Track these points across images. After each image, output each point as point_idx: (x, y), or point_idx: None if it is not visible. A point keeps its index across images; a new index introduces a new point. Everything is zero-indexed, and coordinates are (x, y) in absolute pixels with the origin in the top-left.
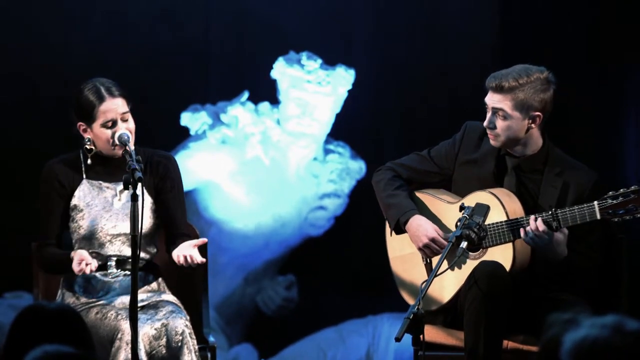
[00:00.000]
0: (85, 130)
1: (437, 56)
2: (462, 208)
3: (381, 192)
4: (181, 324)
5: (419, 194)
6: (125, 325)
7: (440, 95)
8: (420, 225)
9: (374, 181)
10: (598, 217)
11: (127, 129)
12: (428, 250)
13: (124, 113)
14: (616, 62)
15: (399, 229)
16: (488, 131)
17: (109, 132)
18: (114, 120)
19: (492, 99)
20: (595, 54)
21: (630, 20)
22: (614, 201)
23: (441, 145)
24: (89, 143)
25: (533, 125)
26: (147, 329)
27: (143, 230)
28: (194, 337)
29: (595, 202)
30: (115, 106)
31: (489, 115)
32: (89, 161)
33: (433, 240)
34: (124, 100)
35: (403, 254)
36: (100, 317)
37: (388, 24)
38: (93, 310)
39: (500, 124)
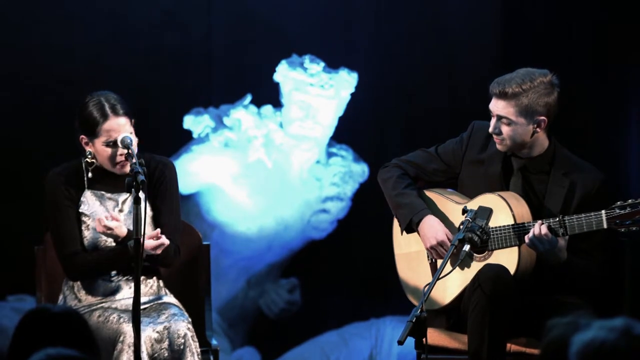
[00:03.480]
0: (87, 144)
1: (439, 59)
2: (464, 211)
3: (390, 191)
4: (183, 327)
5: (428, 193)
6: (127, 328)
7: (443, 98)
8: (432, 227)
9: (381, 178)
10: (605, 226)
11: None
12: (434, 252)
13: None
14: (619, 62)
15: (410, 229)
16: (494, 136)
17: (109, 150)
18: (114, 139)
19: (497, 106)
20: (598, 55)
21: (633, 21)
22: (622, 211)
23: (448, 143)
24: (90, 156)
25: (538, 129)
26: (149, 332)
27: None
28: (196, 339)
29: (603, 212)
30: (118, 126)
31: (493, 121)
32: (90, 174)
33: (441, 243)
34: (127, 119)
35: (409, 251)
36: (102, 320)
37: (390, 27)
38: (95, 313)
39: (505, 129)
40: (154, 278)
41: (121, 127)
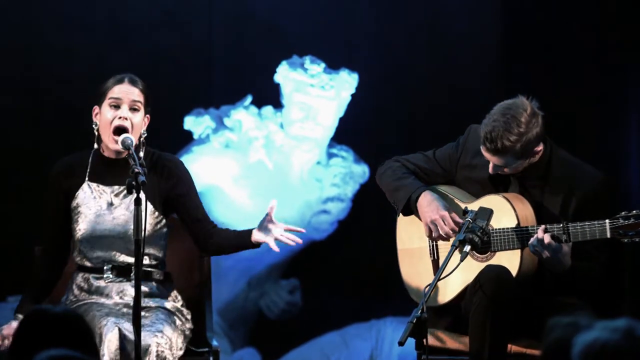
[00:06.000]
0: (96, 115)
1: (439, 59)
2: (465, 212)
3: (388, 178)
4: (148, 338)
5: (433, 189)
6: (103, 323)
7: (443, 98)
8: (432, 202)
9: (379, 173)
10: (608, 235)
11: (130, 119)
12: (433, 227)
13: (134, 101)
14: (619, 63)
15: (408, 210)
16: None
17: (111, 113)
18: (121, 101)
19: (492, 159)
20: (598, 55)
21: (633, 21)
22: (626, 222)
23: (446, 147)
24: (95, 127)
25: (537, 155)
26: (114, 336)
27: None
28: (168, 347)
29: (607, 221)
30: (128, 90)
31: (492, 165)
32: (95, 145)
33: (443, 217)
34: (141, 94)
35: (412, 247)
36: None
37: (390, 27)
38: (81, 308)
39: (506, 170)
40: (152, 282)
41: (131, 94)
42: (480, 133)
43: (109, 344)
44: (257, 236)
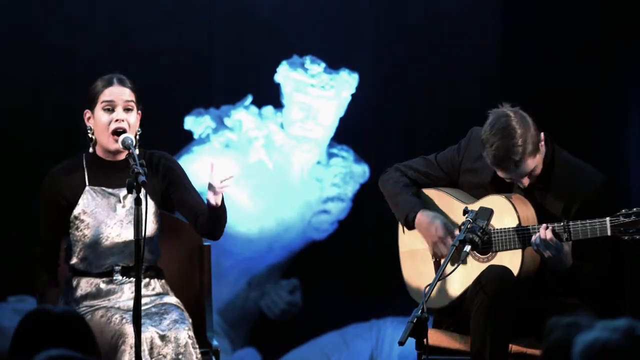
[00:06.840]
0: (89, 119)
1: (439, 59)
2: (465, 212)
3: (388, 192)
4: (184, 335)
5: (433, 191)
6: (130, 329)
7: (443, 98)
8: (431, 224)
9: (381, 183)
10: (609, 233)
11: (126, 120)
12: (437, 249)
13: (127, 101)
14: (619, 63)
15: (409, 227)
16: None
17: (106, 116)
18: (114, 104)
19: (512, 174)
20: (598, 55)
21: (633, 22)
22: (626, 219)
23: (447, 151)
24: (90, 131)
25: (542, 143)
26: (151, 334)
27: (146, 235)
28: (196, 346)
29: (608, 219)
30: (120, 92)
31: (515, 179)
32: (90, 149)
33: (443, 240)
34: (132, 93)
35: (413, 249)
36: (105, 321)
37: (390, 27)
38: (98, 313)
39: (529, 170)
40: (155, 279)
41: (123, 94)
42: (481, 137)
43: (146, 342)
44: (208, 197)
